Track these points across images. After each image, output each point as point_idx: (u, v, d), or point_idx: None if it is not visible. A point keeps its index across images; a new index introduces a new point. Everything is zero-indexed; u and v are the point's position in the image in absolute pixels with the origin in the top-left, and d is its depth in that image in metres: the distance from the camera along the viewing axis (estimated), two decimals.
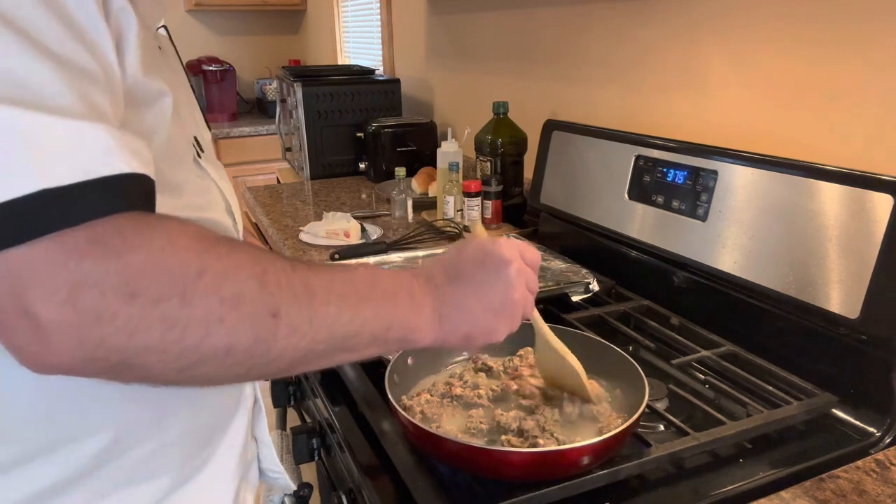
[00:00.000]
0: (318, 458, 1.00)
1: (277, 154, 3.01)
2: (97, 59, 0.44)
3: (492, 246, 0.64)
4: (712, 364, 0.98)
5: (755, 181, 1.00)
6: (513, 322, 0.65)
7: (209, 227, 0.61)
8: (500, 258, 0.63)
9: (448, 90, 2.31)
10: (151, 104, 0.53)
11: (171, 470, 0.59)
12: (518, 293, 0.63)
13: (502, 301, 0.63)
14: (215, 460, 0.64)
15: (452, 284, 0.62)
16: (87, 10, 0.44)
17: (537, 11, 1.69)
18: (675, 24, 1.25)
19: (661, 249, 1.15)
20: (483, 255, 0.64)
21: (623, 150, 1.25)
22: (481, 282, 0.62)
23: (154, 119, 0.54)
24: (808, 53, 1.01)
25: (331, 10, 3.52)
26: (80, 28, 0.44)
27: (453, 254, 0.65)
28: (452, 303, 0.61)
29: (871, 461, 0.75)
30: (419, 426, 0.72)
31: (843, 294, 0.86)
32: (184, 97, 0.68)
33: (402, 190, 1.83)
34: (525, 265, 0.65)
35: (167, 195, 0.55)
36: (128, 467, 0.56)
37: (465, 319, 0.61)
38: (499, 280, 0.63)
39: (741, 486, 0.75)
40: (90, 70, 0.43)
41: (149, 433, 0.57)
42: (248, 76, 4.15)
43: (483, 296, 0.62)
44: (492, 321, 0.63)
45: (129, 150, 0.43)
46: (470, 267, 0.63)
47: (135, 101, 0.51)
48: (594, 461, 0.71)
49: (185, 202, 0.59)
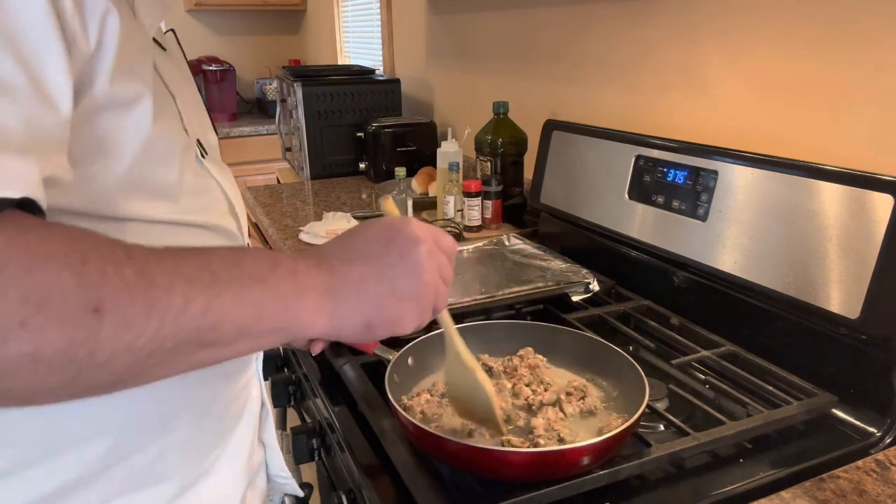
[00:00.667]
0: (318, 458, 1.00)
1: (277, 154, 3.01)
2: (23, 67, 0.41)
3: (400, 224, 0.57)
4: (712, 364, 0.98)
5: (755, 181, 1.00)
6: (421, 310, 0.56)
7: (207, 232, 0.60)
8: (409, 237, 0.55)
9: (448, 90, 2.31)
10: (130, 109, 0.51)
11: (175, 474, 0.58)
12: (428, 276, 0.55)
13: (410, 285, 0.55)
14: (221, 465, 0.63)
15: (350, 264, 0.54)
16: (28, 14, 0.42)
17: (537, 11, 1.69)
18: (675, 24, 1.25)
19: (661, 249, 1.15)
20: (390, 233, 0.56)
21: (623, 150, 1.25)
22: (386, 262, 0.54)
23: (129, 125, 0.52)
24: (809, 53, 1.01)
25: (331, 10, 3.52)
26: (7, 33, 0.41)
27: (354, 231, 0.58)
28: (349, 285, 0.53)
29: (871, 461, 0.75)
30: (419, 426, 0.72)
31: (843, 294, 0.86)
32: (189, 98, 0.67)
33: (402, 190, 1.83)
34: (438, 249, 0.58)
35: (159, 201, 0.55)
36: (130, 472, 0.55)
37: (364, 304, 0.53)
38: (405, 260, 0.55)
39: (741, 486, 0.75)
40: (5, 79, 0.40)
41: (151, 437, 0.56)
42: (248, 76, 4.15)
43: (387, 278, 0.54)
44: (396, 307, 0.54)
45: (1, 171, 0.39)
46: (373, 246, 0.55)
47: (110, 106, 0.50)
48: (594, 461, 0.71)
49: (182, 206, 0.57)
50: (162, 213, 0.55)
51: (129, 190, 0.52)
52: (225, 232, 0.65)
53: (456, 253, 0.61)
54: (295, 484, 0.79)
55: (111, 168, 0.51)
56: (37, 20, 0.42)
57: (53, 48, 0.43)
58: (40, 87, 0.42)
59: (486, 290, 1.16)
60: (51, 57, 0.43)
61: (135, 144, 0.52)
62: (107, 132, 0.50)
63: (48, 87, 0.43)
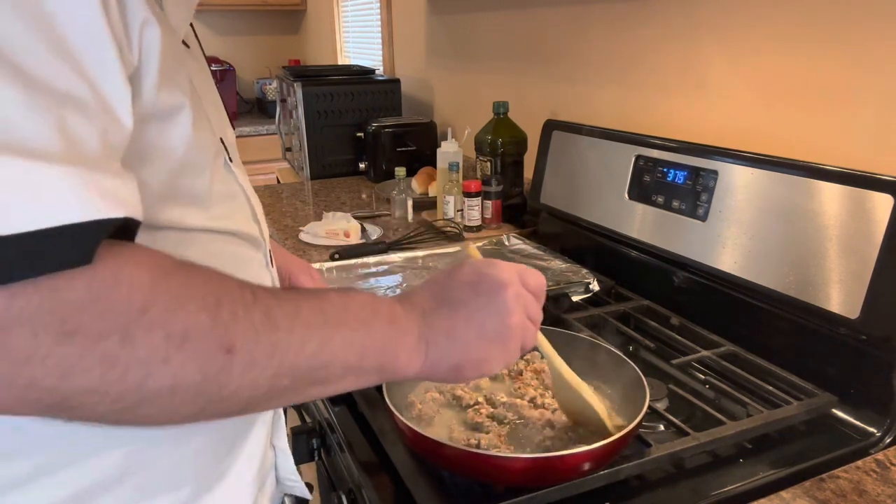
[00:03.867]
0: (318, 458, 1.00)
1: (277, 154, 3.01)
2: (89, 83, 0.41)
3: (487, 268, 0.59)
4: (712, 364, 0.98)
5: (755, 181, 1.00)
6: (508, 352, 0.58)
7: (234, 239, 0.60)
8: (495, 281, 0.58)
9: (448, 90, 2.31)
10: (170, 119, 0.51)
11: (191, 480, 0.58)
12: (515, 319, 0.57)
13: (497, 328, 0.57)
14: (235, 469, 0.63)
15: (441, 309, 0.56)
16: (88, 29, 0.41)
17: (537, 11, 1.69)
18: (675, 24, 1.25)
19: (661, 249, 1.15)
20: (477, 278, 0.58)
21: (623, 150, 1.25)
22: (474, 307, 0.57)
23: (173, 134, 0.51)
24: (809, 53, 1.01)
25: (331, 10, 3.52)
26: (70, 47, 0.40)
27: (444, 276, 0.60)
28: (440, 329, 0.56)
29: (871, 461, 0.75)
30: (416, 431, 0.72)
31: (843, 294, 0.86)
32: (211, 96, 0.66)
33: (402, 190, 1.83)
34: (525, 290, 0.60)
35: (192, 208, 0.55)
36: (146, 479, 0.55)
37: (454, 348, 0.56)
38: (493, 305, 0.57)
39: (741, 486, 0.75)
40: (77, 95, 0.40)
41: (168, 446, 0.56)
42: (248, 76, 4.15)
43: (475, 322, 0.56)
44: (484, 351, 0.57)
45: (101, 193, 0.39)
46: (462, 290, 0.58)
47: (152, 117, 0.49)
48: (595, 467, 0.71)
49: (212, 213, 0.57)
50: (195, 220, 0.55)
51: (167, 199, 0.52)
52: (250, 238, 0.64)
53: (544, 289, 0.63)
54: (304, 486, 0.79)
55: (153, 178, 0.50)
56: (95, 33, 0.41)
57: (112, 61, 0.42)
58: (106, 102, 0.42)
59: None
60: (111, 70, 0.42)
61: (175, 154, 0.52)
62: (150, 143, 0.49)
63: (112, 101, 0.43)
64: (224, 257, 0.61)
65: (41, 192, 0.37)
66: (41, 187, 0.37)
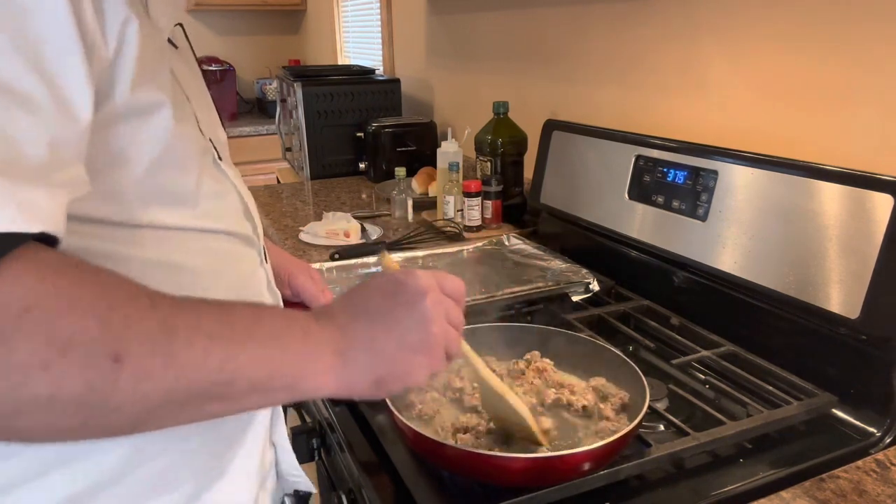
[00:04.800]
0: (318, 458, 1.00)
1: (277, 154, 3.01)
2: (46, 82, 0.41)
3: (404, 276, 0.57)
4: (712, 364, 0.98)
5: (755, 181, 1.00)
6: (433, 361, 0.56)
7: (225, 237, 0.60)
8: (414, 289, 0.56)
9: (448, 90, 2.31)
10: (149, 116, 0.51)
11: (191, 478, 0.58)
12: (436, 327, 0.56)
13: (419, 337, 0.55)
14: (234, 467, 0.63)
15: (359, 321, 0.55)
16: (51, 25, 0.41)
17: (537, 11, 1.69)
18: (675, 24, 1.25)
19: (661, 249, 1.15)
20: (395, 287, 0.57)
21: (623, 150, 1.25)
22: (393, 317, 0.55)
23: (149, 132, 0.51)
24: (809, 53, 1.01)
25: (331, 10, 3.52)
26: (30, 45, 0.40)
27: (360, 288, 0.58)
28: (358, 343, 0.54)
29: (871, 461, 0.75)
30: (416, 431, 0.72)
31: (843, 294, 0.86)
32: (201, 97, 0.66)
33: (402, 190, 1.83)
34: (444, 297, 0.58)
35: (176, 207, 0.55)
36: (145, 478, 0.55)
37: (374, 362, 0.54)
38: (414, 314, 0.55)
39: (741, 486, 0.75)
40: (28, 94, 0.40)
41: (166, 445, 0.56)
42: (248, 76, 4.15)
43: (396, 333, 0.55)
44: (406, 362, 0.55)
45: (17, 206, 0.38)
46: (380, 301, 0.56)
47: (129, 114, 0.49)
48: (595, 467, 0.71)
49: (198, 212, 0.57)
50: (180, 219, 0.55)
51: (147, 197, 0.52)
52: (241, 237, 0.64)
53: (464, 294, 0.61)
54: (307, 480, 0.79)
55: (129, 176, 0.50)
56: (58, 27, 0.42)
57: (74, 55, 0.43)
58: (60, 96, 0.42)
59: (486, 290, 1.16)
60: (71, 64, 0.42)
61: (153, 152, 0.52)
62: (126, 141, 0.50)
63: (68, 95, 0.42)
64: (214, 255, 0.60)
65: None
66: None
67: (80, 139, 0.44)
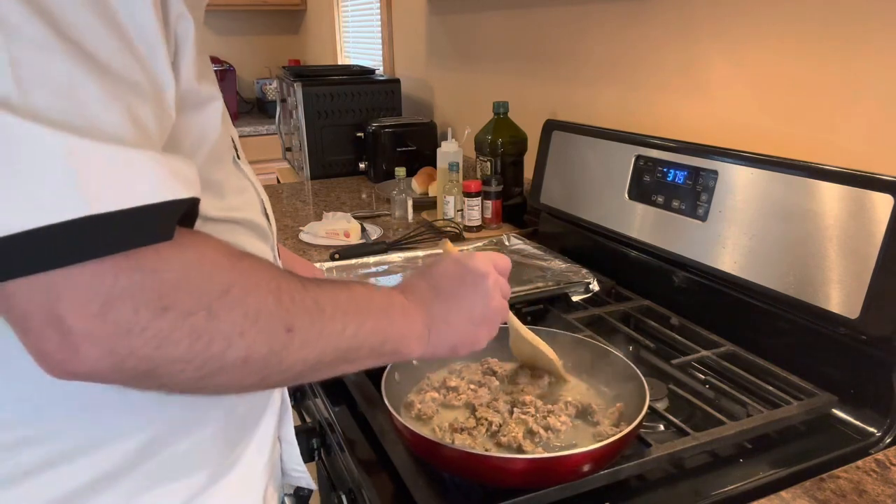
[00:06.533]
0: (318, 458, 1.00)
1: (277, 154, 3.01)
2: (146, 72, 0.44)
3: (468, 261, 0.70)
4: (712, 364, 0.98)
5: (755, 181, 1.00)
6: (492, 330, 0.71)
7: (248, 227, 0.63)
8: (477, 272, 0.69)
9: (448, 90, 2.31)
10: (203, 108, 0.54)
11: (205, 467, 0.60)
12: (496, 303, 0.69)
13: (483, 312, 0.68)
14: (246, 459, 0.65)
15: (438, 300, 0.67)
16: (142, 18, 0.44)
17: (538, 11, 1.69)
18: (675, 24, 1.25)
19: (661, 249, 1.15)
20: (462, 271, 0.69)
21: (623, 150, 1.25)
22: (462, 296, 0.68)
23: (205, 123, 0.54)
24: (809, 53, 1.01)
25: (331, 10, 3.52)
26: (130, 38, 0.43)
27: (432, 271, 0.70)
28: (439, 318, 0.66)
29: (871, 461, 0.75)
30: (415, 432, 0.72)
31: (843, 294, 0.86)
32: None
33: (402, 190, 1.83)
34: (499, 275, 0.71)
35: (211, 196, 0.56)
36: (164, 465, 0.57)
37: (451, 332, 0.67)
38: (478, 293, 0.68)
39: (741, 486, 0.75)
40: (138, 84, 0.43)
41: (185, 431, 0.58)
42: (248, 76, 4.15)
43: (466, 310, 0.67)
44: (474, 332, 0.68)
45: (174, 174, 0.43)
46: (450, 283, 0.68)
47: (188, 105, 0.51)
48: (595, 468, 0.71)
49: (227, 203, 0.59)
50: (215, 210, 0.57)
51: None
52: (260, 230, 0.66)
53: (510, 268, 0.75)
54: (309, 477, 0.81)
55: None
56: (149, 24, 0.44)
57: (162, 52, 0.45)
58: (158, 90, 0.45)
59: None
60: (161, 60, 0.45)
61: (208, 143, 0.55)
62: (185, 131, 0.52)
63: (163, 89, 0.46)
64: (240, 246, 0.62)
65: (123, 173, 0.41)
66: (123, 169, 0.40)
67: (169, 130, 0.47)
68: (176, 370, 0.44)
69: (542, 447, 0.74)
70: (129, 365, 0.43)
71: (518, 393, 0.83)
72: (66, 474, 0.53)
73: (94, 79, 0.40)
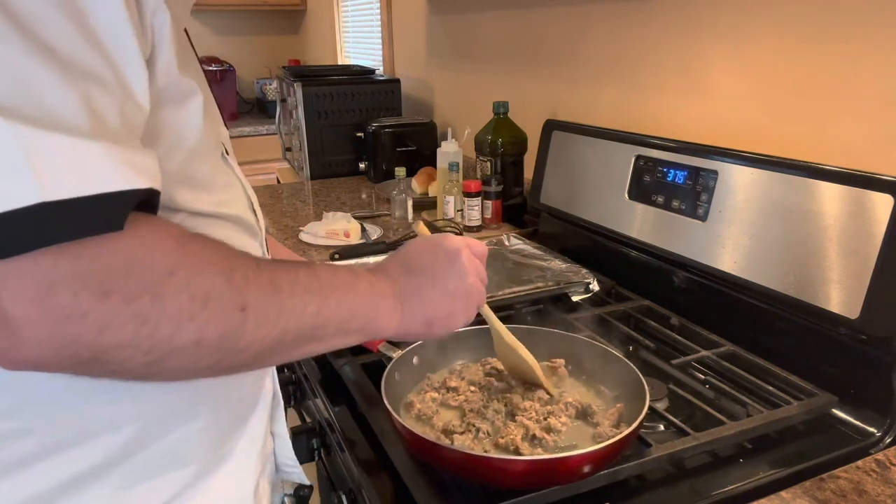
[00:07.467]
0: (318, 458, 1.00)
1: (277, 154, 3.01)
2: (111, 64, 0.44)
3: (440, 238, 0.69)
4: (712, 364, 0.98)
5: (755, 181, 1.00)
6: (468, 307, 0.68)
7: (236, 223, 0.63)
8: (450, 248, 0.68)
9: (448, 90, 2.31)
10: (184, 103, 0.54)
11: (195, 460, 0.60)
12: (471, 278, 0.68)
13: (457, 286, 0.67)
14: (237, 453, 0.65)
15: (409, 275, 0.66)
16: (109, 11, 0.44)
17: (537, 11, 1.69)
18: (675, 24, 1.25)
19: (661, 249, 1.15)
20: (433, 247, 0.68)
21: (623, 150, 1.25)
22: (435, 270, 0.66)
23: (186, 117, 0.54)
24: (809, 53, 1.01)
25: (331, 10, 3.52)
26: (94, 31, 0.43)
27: (403, 249, 0.69)
28: (410, 291, 0.64)
29: (871, 461, 0.75)
30: (414, 433, 0.72)
31: (843, 294, 0.86)
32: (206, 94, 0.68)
33: (402, 190, 1.82)
34: (473, 255, 0.70)
35: (200, 191, 0.57)
36: (153, 457, 0.57)
37: (423, 306, 0.65)
38: (451, 267, 0.67)
39: (741, 486, 0.75)
40: (101, 76, 0.43)
41: (174, 424, 0.58)
42: (248, 76, 4.15)
43: (438, 283, 0.66)
44: (448, 306, 0.66)
45: (128, 164, 0.43)
46: (422, 258, 0.67)
47: (167, 99, 0.51)
48: (595, 469, 0.70)
49: (214, 199, 0.59)
50: (204, 205, 0.57)
51: (181, 182, 0.54)
52: (248, 227, 0.66)
53: (486, 254, 0.74)
54: (301, 472, 0.81)
55: (168, 160, 0.52)
56: (117, 17, 0.44)
57: (131, 44, 0.45)
58: (125, 83, 0.45)
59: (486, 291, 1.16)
60: (130, 53, 0.45)
61: (189, 138, 0.55)
62: (164, 125, 0.52)
63: (131, 82, 0.46)
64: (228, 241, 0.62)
65: (77, 163, 0.40)
66: (76, 159, 0.40)
67: (142, 123, 0.47)
68: (124, 356, 0.44)
69: (541, 448, 0.74)
70: (72, 351, 0.42)
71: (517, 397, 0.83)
72: (52, 468, 0.52)
73: (50, 70, 0.40)
